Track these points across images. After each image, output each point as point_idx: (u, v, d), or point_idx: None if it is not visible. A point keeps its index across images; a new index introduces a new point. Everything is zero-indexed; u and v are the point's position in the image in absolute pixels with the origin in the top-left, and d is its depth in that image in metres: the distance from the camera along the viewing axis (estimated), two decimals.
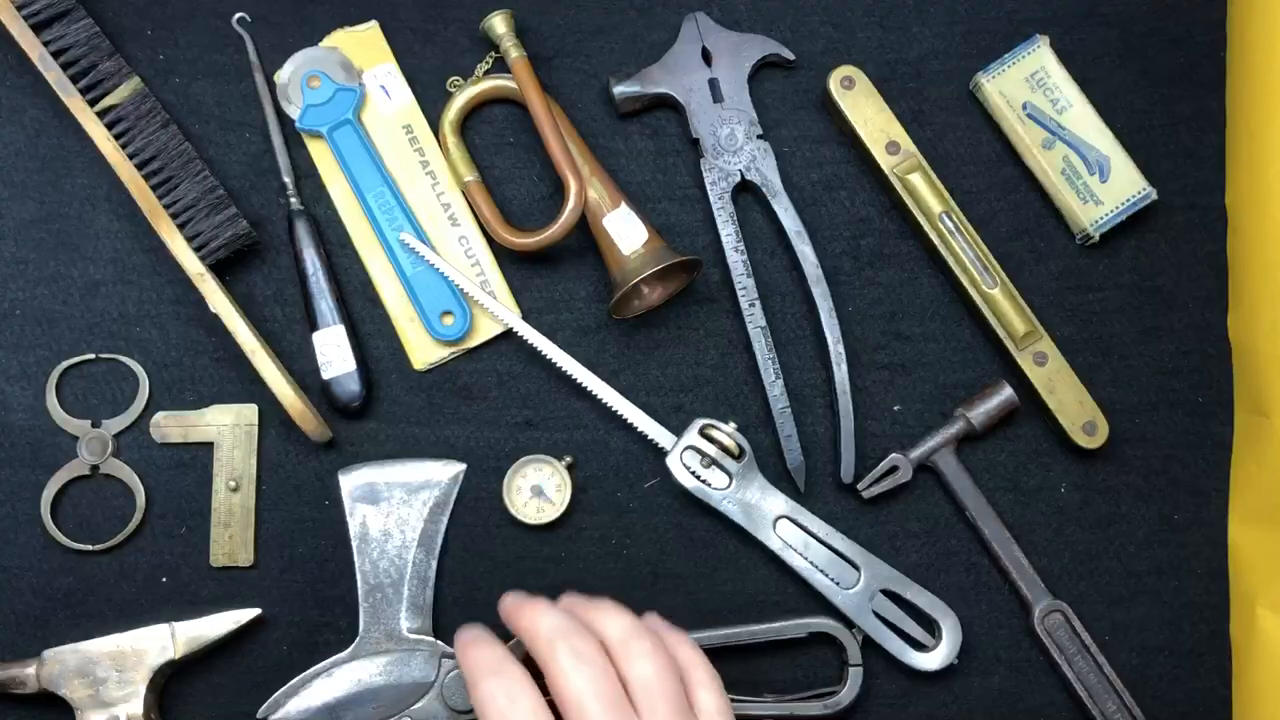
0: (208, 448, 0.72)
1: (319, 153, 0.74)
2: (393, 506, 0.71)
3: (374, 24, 0.75)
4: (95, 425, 0.72)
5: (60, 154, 0.74)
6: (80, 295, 0.73)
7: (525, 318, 0.73)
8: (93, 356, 0.72)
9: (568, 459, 0.72)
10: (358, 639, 0.70)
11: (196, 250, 0.70)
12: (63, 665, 0.67)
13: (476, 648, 0.57)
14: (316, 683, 0.69)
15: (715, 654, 0.71)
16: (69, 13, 0.71)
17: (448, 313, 0.73)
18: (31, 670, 0.67)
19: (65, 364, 0.72)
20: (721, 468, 0.70)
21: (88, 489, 0.72)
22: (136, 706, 0.67)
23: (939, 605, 0.70)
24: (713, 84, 0.74)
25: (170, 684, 0.70)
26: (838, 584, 0.70)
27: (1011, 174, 0.75)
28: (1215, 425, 0.74)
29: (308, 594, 0.71)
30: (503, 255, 0.74)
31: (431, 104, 0.75)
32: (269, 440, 0.72)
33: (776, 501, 0.71)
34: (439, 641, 0.70)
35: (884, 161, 0.73)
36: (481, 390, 0.73)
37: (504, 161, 0.75)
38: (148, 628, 0.68)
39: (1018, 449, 0.74)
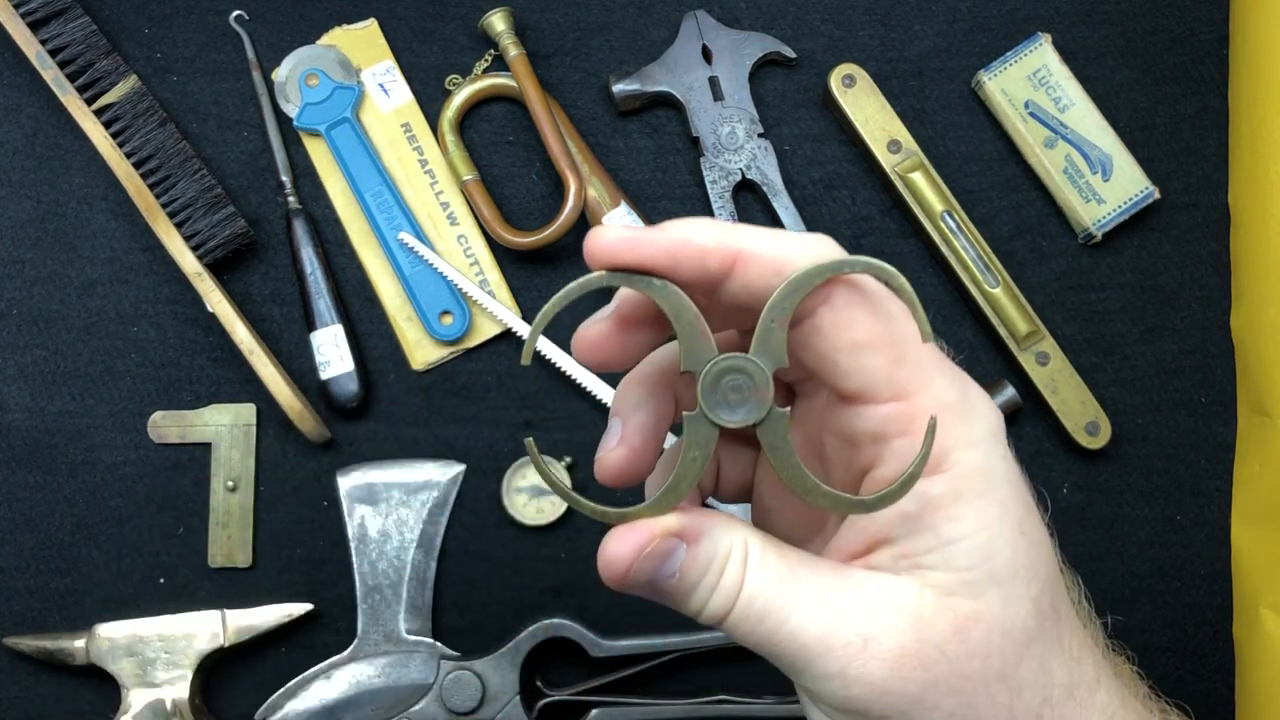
0: (205, 448, 0.72)
1: (317, 151, 0.74)
2: (391, 507, 0.71)
3: (372, 22, 0.75)
4: None
5: (57, 152, 0.73)
6: (77, 294, 0.73)
7: (525, 318, 0.73)
8: None
9: (568, 459, 0.72)
10: (356, 640, 0.69)
11: (194, 249, 0.70)
12: (112, 642, 0.68)
13: None
14: (315, 684, 0.68)
15: (716, 655, 0.70)
16: (66, 10, 0.71)
17: (446, 312, 0.72)
18: (81, 644, 0.68)
19: None
20: None
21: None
22: (183, 690, 0.67)
23: None
24: (713, 82, 0.74)
25: None
26: None
27: (1013, 173, 0.75)
28: (1218, 425, 0.73)
29: (306, 595, 0.71)
30: (502, 255, 0.74)
31: (430, 102, 0.75)
32: (267, 440, 0.72)
33: None
34: (438, 643, 0.69)
35: (885, 160, 0.73)
36: (481, 390, 0.73)
37: (503, 160, 0.75)
38: (200, 612, 0.69)
39: (1019, 449, 0.73)
